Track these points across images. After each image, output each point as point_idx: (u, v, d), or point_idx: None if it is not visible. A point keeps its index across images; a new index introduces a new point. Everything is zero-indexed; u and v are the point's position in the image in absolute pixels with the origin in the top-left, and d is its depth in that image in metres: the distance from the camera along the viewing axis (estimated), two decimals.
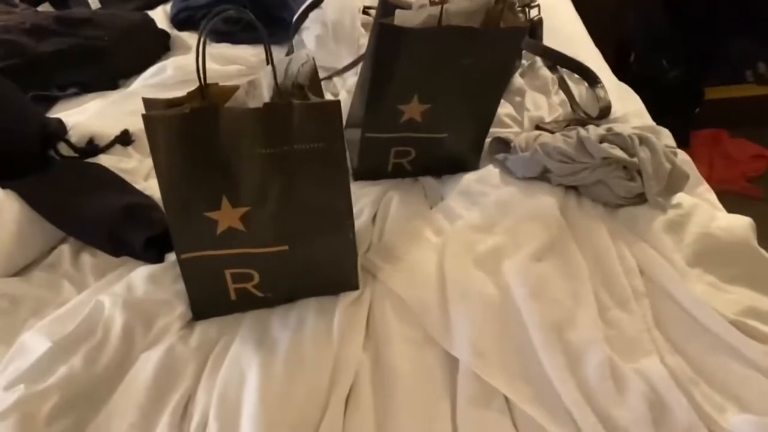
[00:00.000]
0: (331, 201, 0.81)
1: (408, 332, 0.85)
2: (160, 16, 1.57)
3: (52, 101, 1.32)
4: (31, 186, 0.98)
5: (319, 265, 0.86)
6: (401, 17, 0.90)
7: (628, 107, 1.24)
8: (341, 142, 0.77)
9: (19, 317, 0.88)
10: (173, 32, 1.52)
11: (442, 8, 0.89)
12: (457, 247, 0.94)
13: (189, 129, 0.73)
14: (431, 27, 0.90)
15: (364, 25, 1.37)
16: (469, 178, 1.07)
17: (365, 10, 1.42)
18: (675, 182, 1.02)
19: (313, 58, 0.81)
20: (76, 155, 1.12)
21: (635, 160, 1.00)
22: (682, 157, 1.09)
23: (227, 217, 0.79)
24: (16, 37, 1.32)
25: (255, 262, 0.84)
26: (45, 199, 0.97)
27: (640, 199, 1.01)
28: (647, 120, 1.20)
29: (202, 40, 0.70)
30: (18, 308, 0.89)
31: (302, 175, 0.78)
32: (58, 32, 1.35)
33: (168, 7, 1.59)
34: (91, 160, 1.11)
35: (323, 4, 1.36)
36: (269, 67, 0.74)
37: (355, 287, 0.90)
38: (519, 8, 1.26)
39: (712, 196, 1.06)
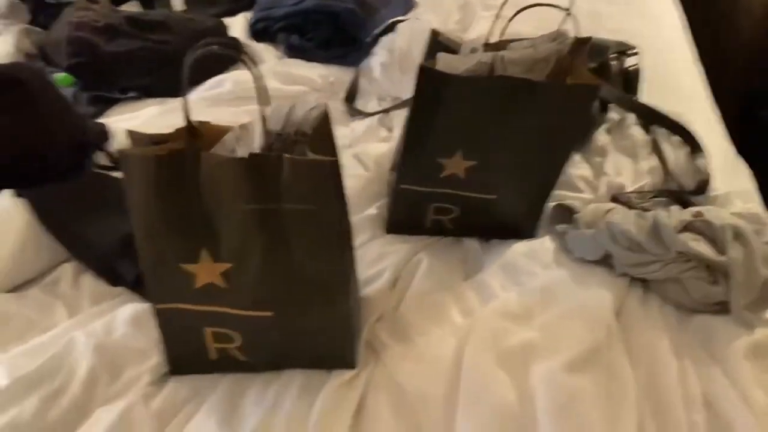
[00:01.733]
0: (322, 271, 0.69)
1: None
2: (240, 23, 1.52)
3: (110, 103, 1.29)
4: (46, 197, 0.93)
5: (308, 336, 0.75)
6: (445, 61, 0.76)
7: (733, 184, 1.02)
8: (335, 208, 0.65)
9: (1, 339, 0.83)
10: (250, 42, 1.45)
11: (495, 56, 0.75)
12: (481, 335, 0.79)
13: (165, 172, 0.64)
14: (479, 76, 0.76)
15: None
16: (517, 250, 0.92)
17: None
18: None
19: (326, 104, 0.69)
20: (112, 165, 1.08)
21: (723, 259, 0.81)
22: None
23: (207, 271, 0.70)
24: (86, 35, 1.30)
25: (237, 324, 0.74)
26: (56, 214, 0.92)
27: (722, 307, 0.82)
28: (754, 205, 0.98)
29: (186, 74, 0.61)
30: (2, 329, 0.84)
31: (290, 239, 0.67)
32: (128, 34, 1.32)
33: (249, 14, 1.53)
34: None
35: (397, 28, 1.24)
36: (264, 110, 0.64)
37: (352, 366, 0.77)
38: (614, 54, 1.08)
39: None
